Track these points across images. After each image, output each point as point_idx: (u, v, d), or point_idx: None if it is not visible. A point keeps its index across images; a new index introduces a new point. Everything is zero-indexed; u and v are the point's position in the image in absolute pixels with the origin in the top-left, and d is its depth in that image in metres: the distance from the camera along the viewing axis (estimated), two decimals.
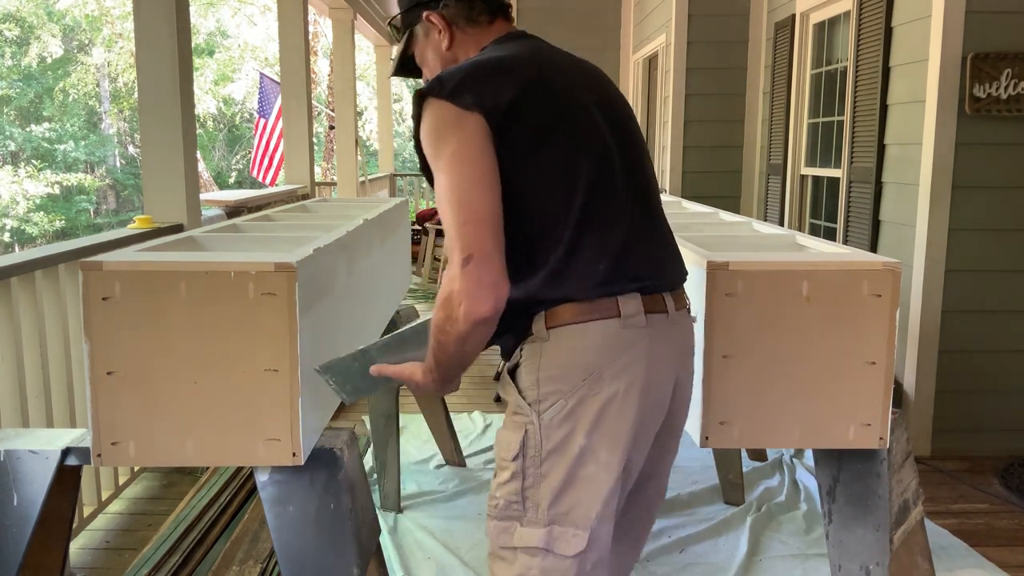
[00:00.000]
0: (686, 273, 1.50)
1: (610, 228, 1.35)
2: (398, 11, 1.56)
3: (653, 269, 1.40)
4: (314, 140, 5.93)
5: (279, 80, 6.13)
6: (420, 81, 1.58)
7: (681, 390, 1.46)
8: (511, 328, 1.36)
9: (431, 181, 1.36)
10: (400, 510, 3.01)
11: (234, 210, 4.37)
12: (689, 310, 1.49)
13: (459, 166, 1.29)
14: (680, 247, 1.61)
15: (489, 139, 1.30)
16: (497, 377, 4.55)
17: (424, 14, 1.50)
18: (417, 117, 1.36)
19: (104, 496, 2.92)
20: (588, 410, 1.32)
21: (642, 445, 1.39)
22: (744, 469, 3.25)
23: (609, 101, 1.47)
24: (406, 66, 1.61)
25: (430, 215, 8.35)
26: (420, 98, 1.35)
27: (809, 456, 3.39)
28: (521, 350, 1.38)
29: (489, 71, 1.36)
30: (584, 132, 1.38)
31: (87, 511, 2.80)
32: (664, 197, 3.81)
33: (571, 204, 1.33)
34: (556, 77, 1.41)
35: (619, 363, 1.33)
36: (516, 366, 1.38)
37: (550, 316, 1.34)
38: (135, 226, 3.22)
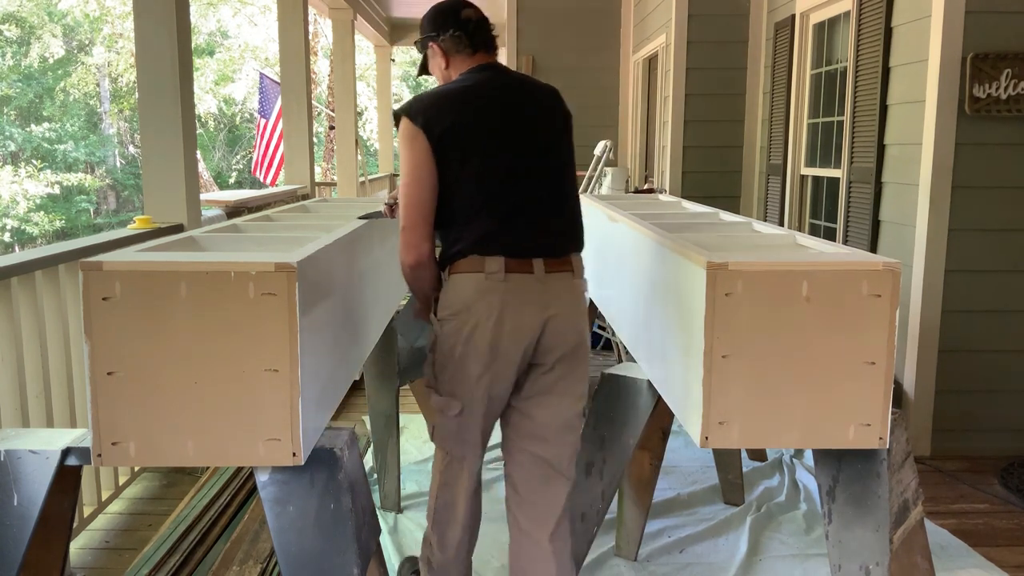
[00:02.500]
0: (572, 249, 2.08)
1: (498, 215, 1.99)
2: (419, 34, 2.23)
3: (526, 242, 2.00)
4: (314, 140, 5.93)
5: (279, 80, 6.13)
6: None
7: (551, 328, 2.00)
8: (439, 274, 2.08)
9: None
10: (400, 510, 3.01)
11: (234, 210, 4.37)
12: (573, 273, 2.05)
13: (408, 166, 2.00)
14: (680, 247, 1.85)
15: (430, 151, 1.98)
16: None
17: (431, 44, 2.17)
18: (396, 124, 2.05)
19: (104, 496, 2.92)
20: (462, 329, 1.98)
21: (505, 359, 1.99)
22: (744, 469, 3.25)
23: (536, 122, 2.09)
24: (425, 69, 2.27)
25: None
26: (396, 115, 2.04)
27: (809, 456, 3.39)
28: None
29: (439, 103, 2.02)
30: (494, 153, 2.01)
31: (87, 511, 2.81)
32: (663, 197, 3.81)
33: (476, 201, 2.00)
34: (486, 108, 2.04)
35: (482, 302, 1.96)
36: (436, 298, 2.07)
37: (450, 268, 2.02)
38: (135, 226, 3.22)
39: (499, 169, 2.00)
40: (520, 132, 2.05)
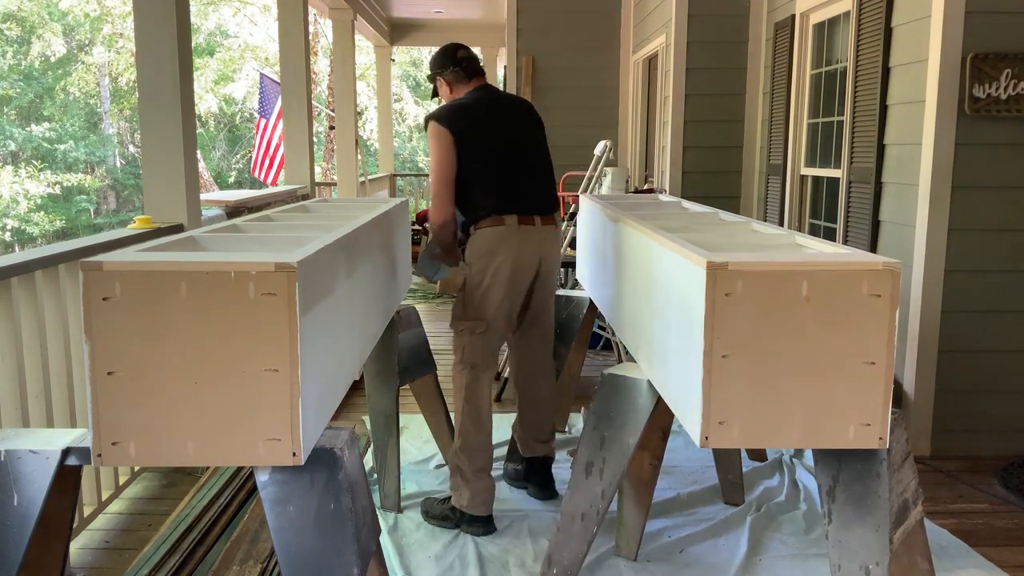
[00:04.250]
0: (553, 209, 3.01)
1: (504, 187, 2.89)
2: (429, 71, 3.15)
3: (527, 205, 2.91)
4: (314, 140, 5.93)
5: (279, 80, 6.13)
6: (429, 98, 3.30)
7: (545, 263, 2.99)
8: (463, 230, 2.94)
9: None
10: (400, 510, 3.01)
11: (234, 210, 4.36)
12: (555, 225, 3.01)
13: (437, 155, 2.87)
14: (680, 247, 1.89)
15: (452, 144, 2.86)
16: (496, 377, 4.57)
17: (438, 78, 3.09)
18: (425, 127, 2.93)
19: (104, 496, 2.92)
20: (489, 267, 2.86)
21: (517, 289, 2.92)
22: (744, 469, 3.25)
23: (516, 124, 3.02)
24: (436, 93, 3.16)
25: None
26: (427, 119, 2.93)
27: (809, 456, 3.39)
28: (464, 241, 2.93)
29: (457, 112, 2.93)
30: (496, 145, 2.92)
31: (87, 511, 2.81)
32: (663, 197, 3.81)
33: (487, 178, 2.89)
34: (489, 115, 2.96)
35: (502, 247, 2.85)
36: (463, 248, 2.94)
37: (475, 225, 2.89)
38: (135, 226, 3.22)
39: (501, 156, 2.92)
40: (508, 130, 2.98)
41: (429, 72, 3.14)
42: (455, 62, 3.05)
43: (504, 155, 2.92)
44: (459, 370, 2.93)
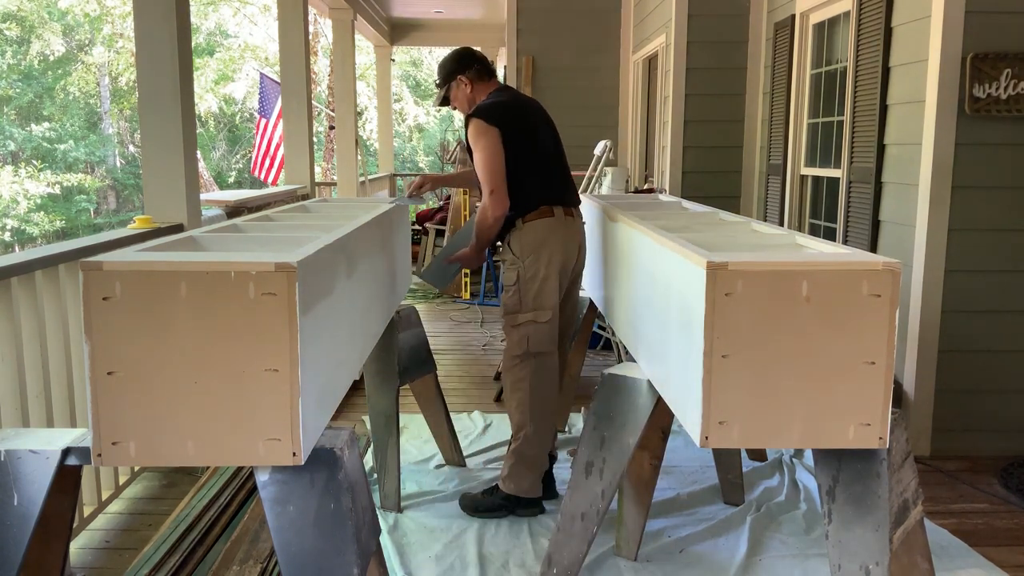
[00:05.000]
0: (580, 201, 3.11)
1: (550, 180, 3.00)
2: (441, 74, 3.14)
3: (566, 197, 3.00)
4: (314, 140, 5.93)
5: (279, 80, 6.13)
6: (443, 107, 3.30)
7: (581, 254, 3.06)
8: (507, 224, 2.94)
9: (471, 156, 2.95)
10: (400, 510, 3.01)
11: (234, 210, 4.36)
12: (582, 217, 3.10)
13: (488, 150, 2.87)
14: (680, 247, 1.91)
15: (500, 138, 2.88)
16: (497, 377, 4.57)
17: (458, 76, 3.09)
18: (467, 125, 2.96)
19: (104, 496, 2.92)
20: (543, 258, 2.89)
21: (565, 275, 2.97)
22: (744, 469, 3.25)
23: (546, 122, 3.12)
24: (445, 100, 3.18)
25: (430, 215, 8.34)
26: (469, 117, 2.95)
27: (809, 456, 3.39)
28: (510, 235, 2.97)
29: (499, 108, 2.98)
30: (538, 138, 3.03)
31: (87, 511, 2.81)
32: (663, 197, 3.81)
33: (534, 172, 2.95)
34: (526, 112, 3.07)
35: (553, 237, 2.92)
36: (509, 242, 2.97)
37: (524, 217, 2.93)
38: (135, 226, 3.22)
39: (543, 150, 3.02)
40: (540, 128, 3.07)
41: (446, 74, 3.10)
42: (476, 60, 3.10)
43: (543, 150, 3.01)
44: (517, 363, 2.91)
